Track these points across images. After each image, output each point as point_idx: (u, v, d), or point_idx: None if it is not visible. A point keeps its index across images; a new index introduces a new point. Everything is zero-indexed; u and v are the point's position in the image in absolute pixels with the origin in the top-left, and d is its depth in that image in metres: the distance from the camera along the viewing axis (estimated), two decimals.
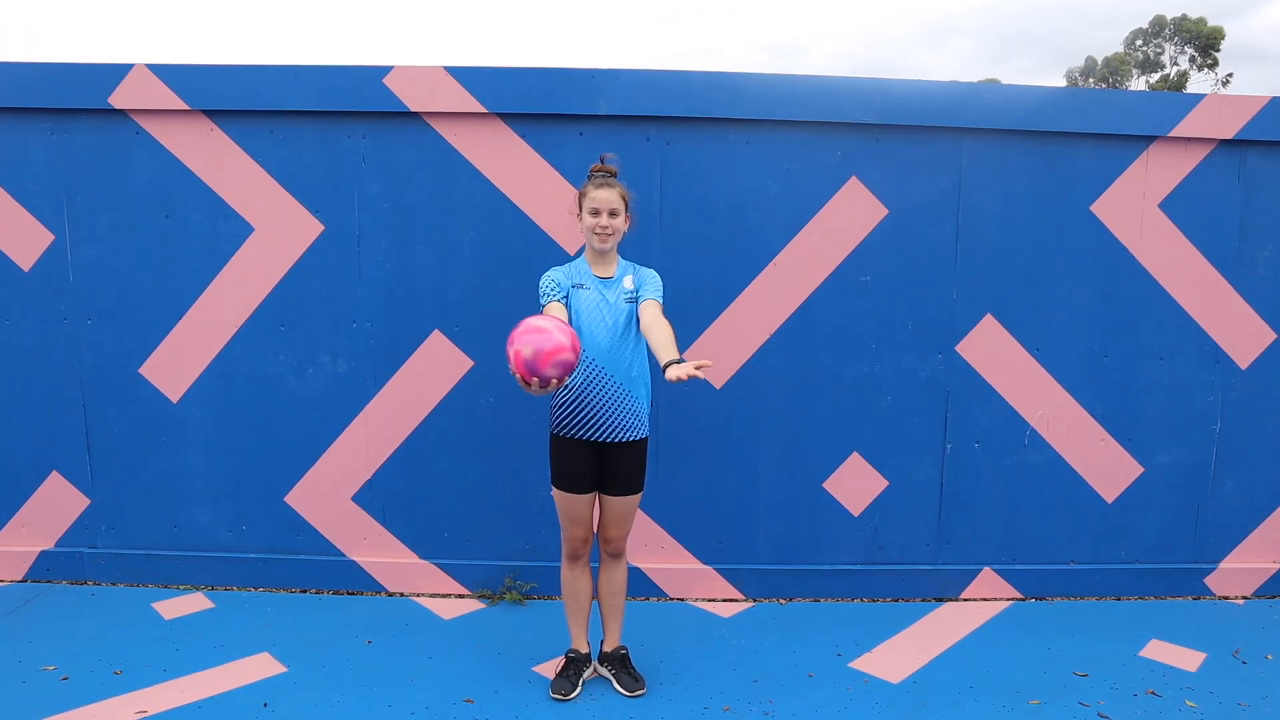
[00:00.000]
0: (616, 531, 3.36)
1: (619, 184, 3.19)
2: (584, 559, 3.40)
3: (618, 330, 3.17)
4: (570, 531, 3.34)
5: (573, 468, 3.25)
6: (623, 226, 3.21)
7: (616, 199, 3.15)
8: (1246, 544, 4.34)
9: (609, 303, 3.18)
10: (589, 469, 3.26)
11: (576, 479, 3.26)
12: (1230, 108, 3.97)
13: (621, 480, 3.29)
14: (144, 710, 3.20)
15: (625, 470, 3.28)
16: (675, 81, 3.88)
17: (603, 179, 3.18)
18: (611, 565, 3.43)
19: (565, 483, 3.27)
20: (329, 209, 3.99)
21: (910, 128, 3.95)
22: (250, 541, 4.23)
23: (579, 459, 3.25)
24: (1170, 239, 4.09)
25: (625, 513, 3.35)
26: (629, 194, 3.23)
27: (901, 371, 4.12)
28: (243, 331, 4.07)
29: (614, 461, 3.26)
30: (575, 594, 3.43)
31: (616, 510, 3.33)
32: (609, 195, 3.14)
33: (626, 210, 3.21)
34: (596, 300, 3.18)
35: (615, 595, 3.45)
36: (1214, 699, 3.41)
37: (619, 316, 3.18)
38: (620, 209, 3.17)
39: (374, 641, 3.76)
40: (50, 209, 4.02)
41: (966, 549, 4.26)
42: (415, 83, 3.87)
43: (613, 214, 3.15)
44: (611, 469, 3.27)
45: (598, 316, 3.17)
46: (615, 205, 3.15)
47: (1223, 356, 4.18)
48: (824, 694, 3.41)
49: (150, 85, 3.87)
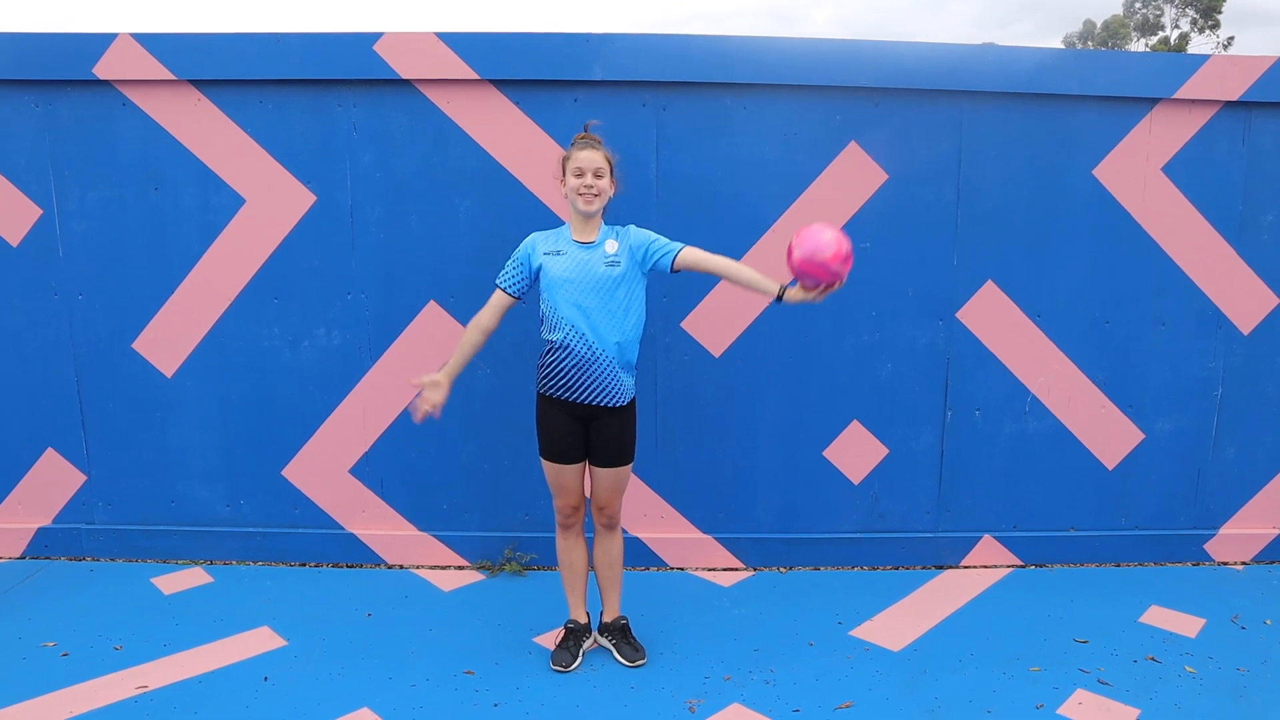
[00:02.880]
0: (607, 503, 3.34)
1: (604, 147, 3.14)
2: (575, 528, 3.39)
3: (592, 293, 3.11)
4: (559, 500, 3.33)
5: (558, 437, 3.23)
6: (608, 189, 3.15)
7: (601, 160, 3.10)
8: (1246, 510, 4.33)
9: (584, 266, 3.13)
10: (575, 438, 3.23)
11: (562, 448, 3.23)
12: (1235, 69, 3.90)
13: (609, 450, 3.25)
14: (144, 685, 3.20)
15: (611, 439, 3.24)
16: (671, 46, 3.81)
17: (586, 141, 3.14)
18: (606, 536, 3.41)
19: (551, 452, 3.26)
20: (321, 179, 3.94)
21: (910, 91, 3.89)
22: (249, 515, 4.22)
23: (564, 428, 3.22)
24: (1173, 203, 4.04)
25: (615, 484, 3.31)
26: (614, 157, 3.18)
27: (901, 339, 4.09)
28: (236, 305, 4.03)
29: (599, 429, 3.23)
30: (570, 564, 3.43)
31: (606, 482, 3.30)
32: (593, 155, 3.09)
33: (612, 174, 3.16)
34: (569, 264, 3.14)
35: (611, 566, 3.44)
36: (1213, 664, 3.41)
37: (594, 279, 3.12)
38: (605, 171, 3.12)
39: (374, 614, 3.76)
40: (37, 183, 3.96)
41: (967, 516, 4.26)
42: (406, 49, 3.80)
43: (598, 174, 3.10)
44: (598, 438, 3.24)
45: (570, 280, 3.12)
46: (600, 166, 3.10)
47: (1225, 322, 4.14)
48: (825, 662, 3.42)
49: (135, 55, 3.80)
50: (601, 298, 3.12)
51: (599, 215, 3.19)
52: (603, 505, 3.35)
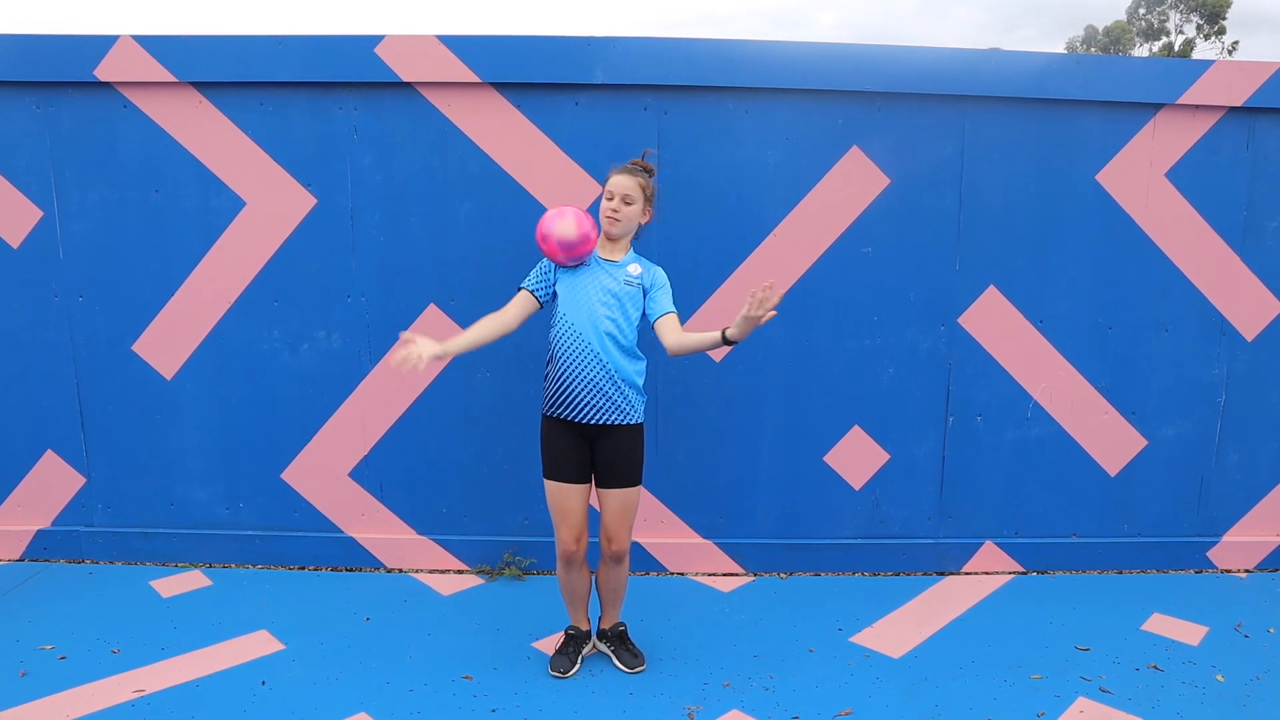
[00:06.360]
0: (615, 534, 3.23)
1: (643, 175, 3.17)
2: (577, 563, 3.29)
3: (608, 307, 3.11)
4: (561, 530, 3.23)
5: (561, 454, 3.18)
6: (637, 216, 3.16)
7: (634, 187, 3.12)
8: (1250, 517, 4.31)
9: (602, 281, 3.13)
10: (579, 456, 3.19)
11: (565, 466, 3.18)
12: (1240, 74, 3.89)
13: (614, 470, 3.19)
14: (141, 689, 3.19)
15: (617, 458, 3.18)
16: (673, 49, 3.80)
17: (627, 166, 3.17)
18: (613, 565, 3.32)
19: (554, 470, 3.20)
20: (321, 182, 3.93)
21: (913, 95, 3.88)
22: (247, 519, 4.21)
23: (568, 445, 3.18)
24: (1177, 209, 4.02)
25: (623, 508, 3.23)
26: (651, 188, 3.20)
27: (903, 344, 4.07)
28: (236, 307, 4.02)
29: (604, 448, 3.18)
30: (572, 590, 3.38)
31: (613, 505, 3.21)
32: (626, 181, 3.12)
33: (647, 203, 3.18)
34: (587, 275, 3.15)
35: (615, 591, 3.40)
36: (1216, 673, 3.39)
37: (609, 292, 3.12)
38: (636, 198, 3.13)
39: (372, 618, 3.74)
40: (38, 185, 3.95)
41: (968, 522, 4.24)
42: (407, 52, 3.79)
43: (626, 200, 3.11)
44: (603, 456, 3.19)
45: (587, 291, 3.12)
46: (630, 192, 3.12)
47: (1228, 328, 4.13)
48: (825, 669, 3.40)
49: (137, 57, 3.80)
50: (611, 310, 3.11)
51: (625, 239, 3.21)
52: (611, 536, 3.23)
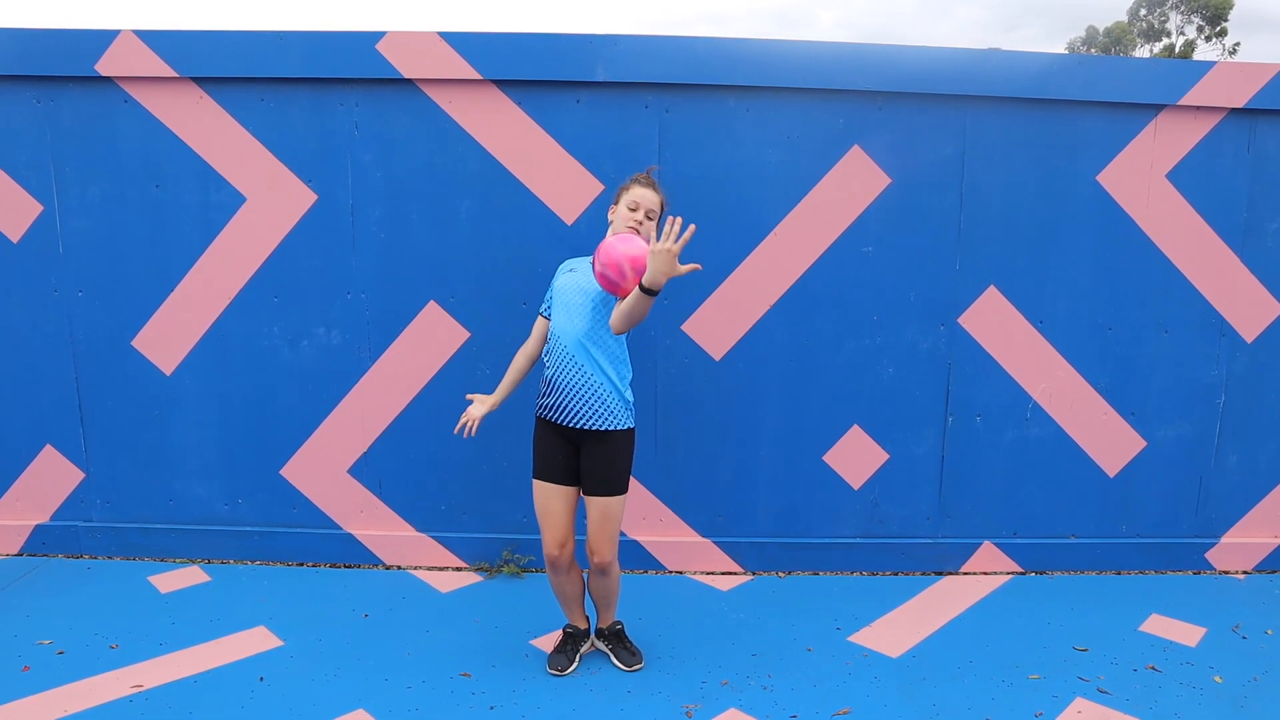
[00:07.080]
0: (597, 547, 3.18)
1: (662, 192, 3.21)
2: (562, 568, 3.27)
3: (589, 307, 3.11)
4: (544, 535, 3.22)
5: (547, 454, 3.20)
6: (652, 234, 3.17)
7: (657, 205, 3.17)
8: (1248, 519, 4.31)
9: (589, 283, 3.13)
10: (564, 459, 3.18)
11: (550, 466, 3.19)
12: (1241, 75, 3.89)
13: (595, 476, 3.16)
14: (139, 684, 3.19)
15: (598, 464, 3.15)
16: (675, 47, 3.80)
17: (650, 180, 3.18)
18: (598, 576, 3.29)
19: (540, 469, 3.21)
20: (322, 178, 3.93)
21: (914, 95, 3.88)
22: (246, 515, 4.21)
23: (554, 447, 3.19)
24: (1177, 209, 4.02)
25: (604, 517, 3.17)
26: (667, 207, 3.27)
27: (903, 344, 4.07)
28: (236, 303, 4.02)
29: (588, 454, 3.17)
30: (563, 593, 3.37)
31: (594, 513, 3.18)
32: (653, 196, 3.15)
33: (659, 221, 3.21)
34: (577, 279, 3.17)
35: (606, 597, 3.39)
36: (1214, 674, 3.40)
37: (595, 294, 3.11)
38: (656, 215, 3.17)
39: (371, 615, 3.74)
40: (38, 179, 3.95)
41: (967, 522, 4.24)
42: (409, 49, 3.79)
43: (649, 216, 3.14)
44: (586, 462, 3.18)
45: (570, 295, 3.15)
46: (654, 209, 3.15)
47: (1228, 329, 4.13)
48: (823, 668, 3.40)
49: (137, 52, 3.79)
50: (595, 313, 3.11)
51: None
52: (593, 549, 3.19)
